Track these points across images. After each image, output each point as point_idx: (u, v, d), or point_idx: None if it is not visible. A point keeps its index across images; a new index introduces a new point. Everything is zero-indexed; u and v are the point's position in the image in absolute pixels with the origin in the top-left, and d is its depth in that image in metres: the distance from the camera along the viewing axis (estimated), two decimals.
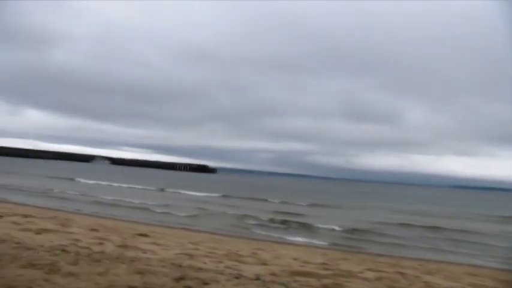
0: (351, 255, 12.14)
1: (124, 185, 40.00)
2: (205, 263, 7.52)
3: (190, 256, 8.20)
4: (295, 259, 9.54)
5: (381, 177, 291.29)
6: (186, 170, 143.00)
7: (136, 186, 39.71)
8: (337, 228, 19.25)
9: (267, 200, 35.17)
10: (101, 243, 8.37)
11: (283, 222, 20.64)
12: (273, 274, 7.06)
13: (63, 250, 6.73)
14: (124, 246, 8.42)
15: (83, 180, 42.49)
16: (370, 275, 8.12)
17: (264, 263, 8.37)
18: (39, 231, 8.93)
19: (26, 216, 11.46)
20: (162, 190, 37.99)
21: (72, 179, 43.10)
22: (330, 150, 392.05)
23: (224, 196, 36.19)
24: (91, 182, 41.74)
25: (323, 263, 9.16)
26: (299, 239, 15.88)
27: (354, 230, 19.06)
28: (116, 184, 40.64)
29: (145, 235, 10.68)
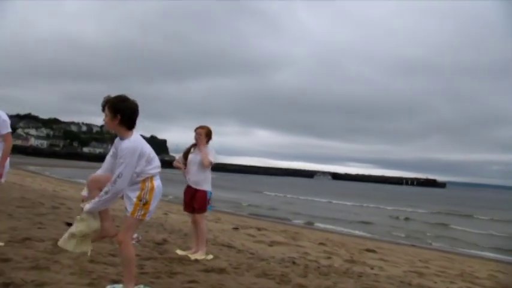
0: None
1: (319, 199, 38.78)
2: (435, 283, 6.98)
3: (420, 274, 7.68)
4: None
5: None
6: (413, 185, 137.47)
7: (332, 201, 38.11)
8: None
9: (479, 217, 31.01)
10: (328, 257, 8.41)
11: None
12: None
13: (293, 262, 6.92)
14: (351, 261, 8.30)
15: (268, 193, 43.56)
16: None
17: None
18: (271, 244, 9.45)
19: (259, 229, 12.33)
20: (362, 205, 35.68)
21: (260, 192, 44.92)
22: None
23: (436, 212, 32.79)
24: (280, 195, 42.19)
25: None
26: None
27: None
28: (304, 197, 40.07)
29: (372, 251, 10.39)
